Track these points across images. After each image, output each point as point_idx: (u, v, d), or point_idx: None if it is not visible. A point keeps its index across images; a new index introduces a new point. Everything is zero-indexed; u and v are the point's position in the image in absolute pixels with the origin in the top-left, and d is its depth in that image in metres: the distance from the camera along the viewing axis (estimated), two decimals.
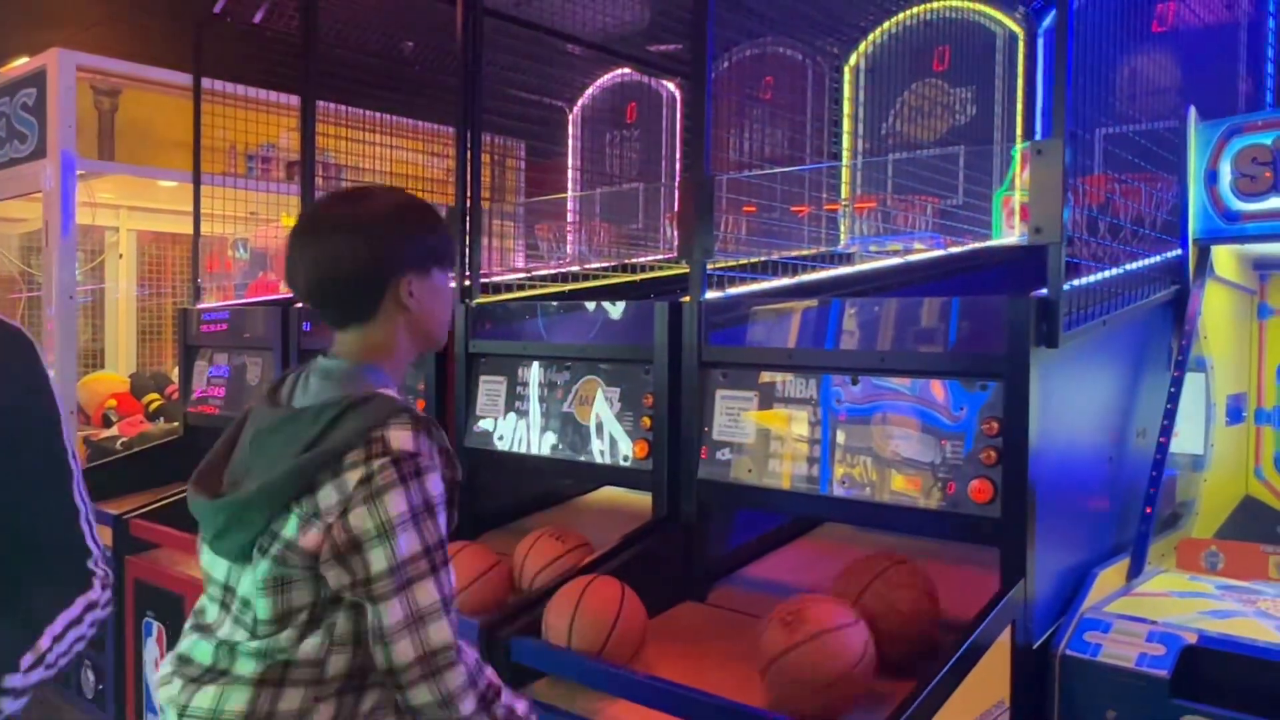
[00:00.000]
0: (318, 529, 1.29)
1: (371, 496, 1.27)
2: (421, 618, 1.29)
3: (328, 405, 1.34)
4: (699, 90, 2.49)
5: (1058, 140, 1.94)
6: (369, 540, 1.27)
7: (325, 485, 1.29)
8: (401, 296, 1.42)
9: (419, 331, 1.47)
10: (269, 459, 1.34)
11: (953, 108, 3.95)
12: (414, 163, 4.73)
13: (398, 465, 1.28)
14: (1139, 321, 2.42)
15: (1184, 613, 2.02)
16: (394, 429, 1.31)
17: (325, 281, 1.40)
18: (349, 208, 1.43)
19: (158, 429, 4.86)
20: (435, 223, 1.49)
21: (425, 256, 1.44)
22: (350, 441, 1.29)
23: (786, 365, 2.30)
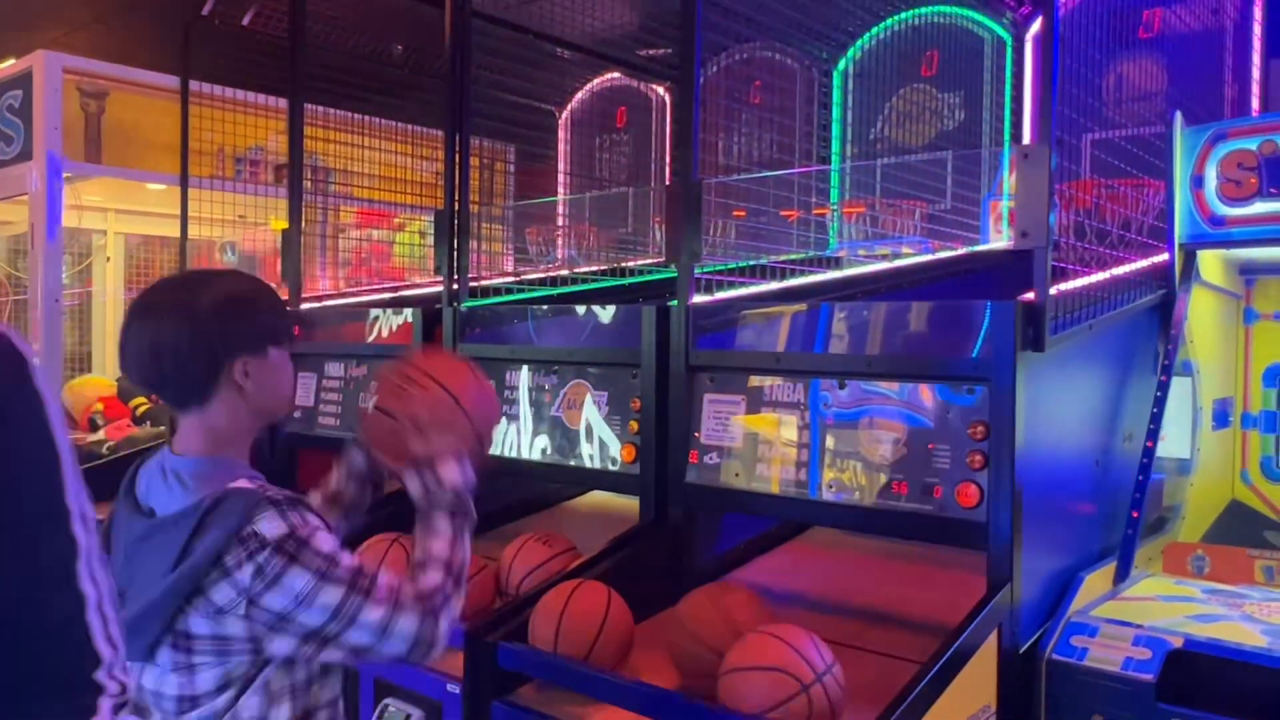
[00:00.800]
0: (237, 617, 1.36)
1: (273, 583, 1.34)
2: (386, 630, 1.39)
3: (185, 514, 1.39)
4: (687, 94, 2.49)
5: (1044, 145, 1.94)
6: (294, 610, 1.35)
7: (216, 585, 1.35)
8: (237, 379, 1.46)
9: (259, 409, 1.52)
10: (145, 574, 1.39)
11: (941, 113, 3.96)
12: (403, 166, 4.72)
13: (280, 550, 1.35)
14: (1125, 326, 2.42)
15: (1170, 617, 2.03)
16: (260, 522, 1.36)
17: (157, 366, 1.45)
18: (182, 294, 1.47)
19: (145, 433, 4.83)
20: (269, 304, 1.53)
21: (259, 338, 1.49)
22: (222, 548, 1.34)
23: (774, 369, 2.30)
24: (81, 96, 4.75)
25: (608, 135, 5.31)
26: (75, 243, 5.81)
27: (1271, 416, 2.85)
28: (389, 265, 5.19)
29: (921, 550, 2.35)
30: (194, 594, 1.35)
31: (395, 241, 5.24)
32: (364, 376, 3.32)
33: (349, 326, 3.42)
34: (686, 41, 2.47)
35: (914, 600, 2.29)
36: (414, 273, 5.04)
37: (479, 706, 2.02)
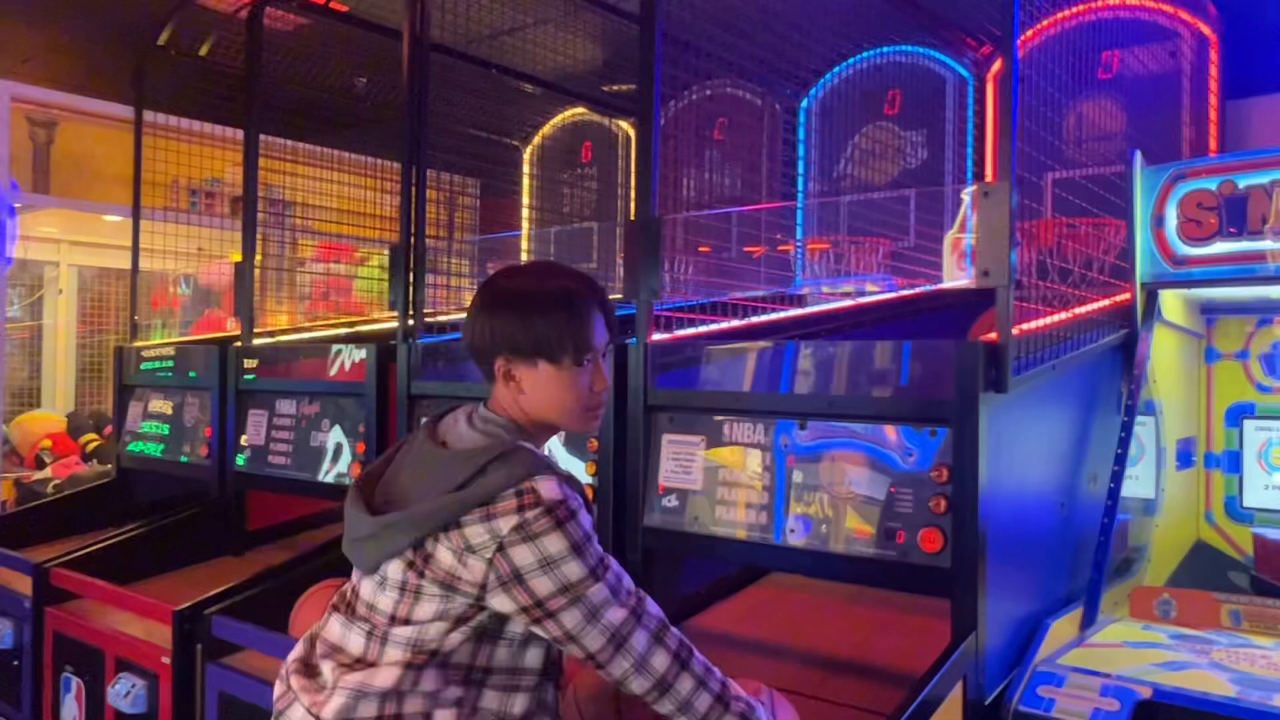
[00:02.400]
0: (479, 561, 1.40)
1: (530, 539, 1.39)
2: (623, 638, 1.42)
3: (476, 453, 1.47)
4: (646, 130, 2.45)
5: (1005, 183, 1.92)
6: (532, 572, 1.39)
7: (473, 525, 1.41)
8: (501, 374, 1.55)
9: (531, 411, 1.56)
10: (420, 491, 1.47)
11: (904, 151, 3.97)
12: (364, 199, 4.66)
13: (551, 512, 1.40)
14: (1088, 365, 2.40)
15: (1138, 664, 1.98)
16: (541, 481, 1.42)
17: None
18: (516, 278, 1.59)
19: (90, 471, 4.70)
20: (553, 315, 1.53)
21: (526, 346, 1.52)
22: (500, 490, 1.41)
23: (735, 409, 2.24)
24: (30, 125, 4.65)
25: (573, 170, 5.29)
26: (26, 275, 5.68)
27: (1234, 456, 2.83)
28: (350, 300, 5.11)
29: (885, 595, 2.29)
30: (452, 524, 1.41)
31: (356, 275, 5.16)
32: (316, 414, 3.23)
33: (304, 363, 3.33)
34: (646, 77, 2.44)
35: (878, 648, 2.23)
36: (375, 308, 4.97)
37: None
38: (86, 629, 2.98)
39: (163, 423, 3.83)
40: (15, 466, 5.09)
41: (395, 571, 1.45)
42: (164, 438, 3.80)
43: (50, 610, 3.11)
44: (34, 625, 3.14)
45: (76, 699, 3.00)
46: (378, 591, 1.48)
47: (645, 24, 2.42)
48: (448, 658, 1.45)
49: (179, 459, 3.69)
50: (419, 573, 1.43)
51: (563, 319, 1.52)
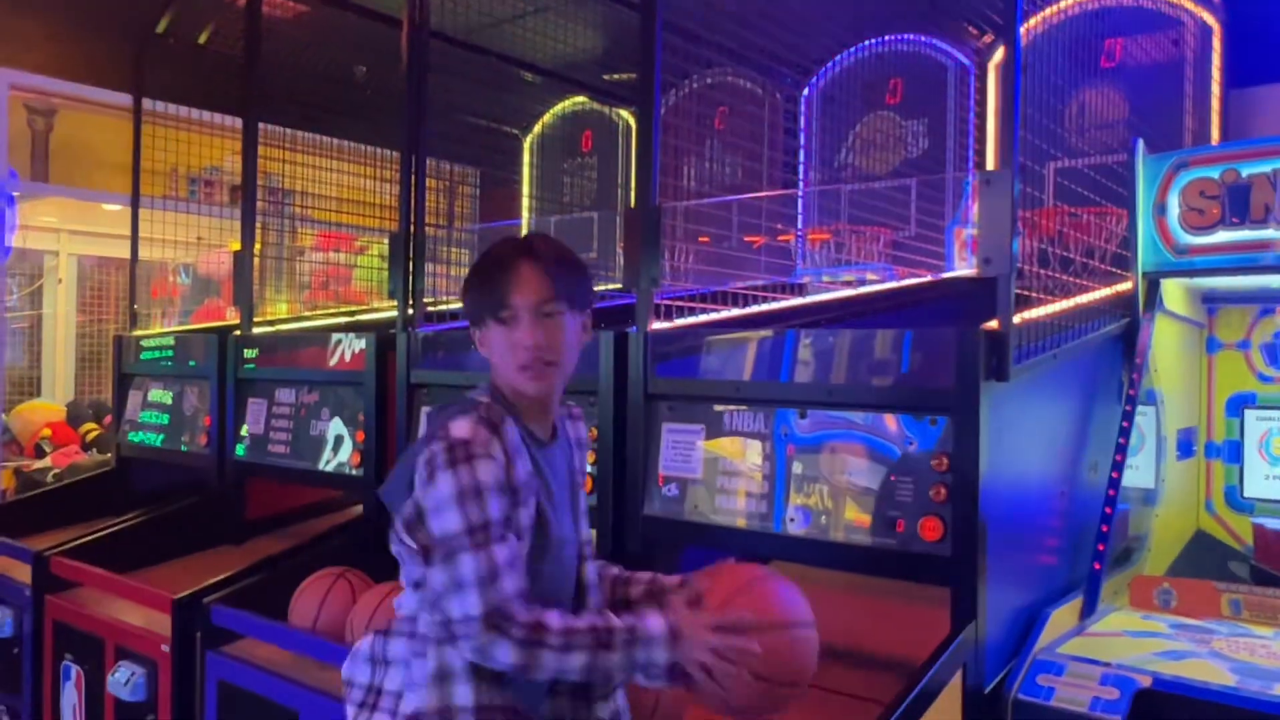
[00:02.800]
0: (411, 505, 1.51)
1: (428, 476, 1.45)
2: (458, 586, 1.42)
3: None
4: (647, 118, 2.44)
5: (1006, 171, 1.91)
6: (425, 512, 1.47)
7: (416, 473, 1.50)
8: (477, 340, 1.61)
9: (496, 376, 1.60)
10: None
11: (905, 140, 3.96)
12: (364, 188, 4.64)
13: (450, 450, 1.44)
14: (1089, 354, 2.39)
15: (1138, 653, 1.98)
16: (458, 420, 1.48)
17: None
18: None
19: (89, 460, 4.69)
20: (484, 277, 1.58)
21: (476, 310, 1.59)
22: (427, 436, 1.50)
23: (735, 398, 2.24)
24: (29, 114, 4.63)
25: (574, 159, 5.27)
26: (26, 264, 5.67)
27: (1235, 446, 2.83)
28: (349, 289, 5.10)
29: (885, 584, 2.28)
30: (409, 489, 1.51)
31: (356, 265, 5.15)
32: (315, 403, 3.23)
33: (304, 352, 3.32)
34: (646, 65, 2.43)
35: (877, 637, 2.23)
36: (375, 297, 4.96)
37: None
38: (86, 617, 2.98)
39: (162, 412, 3.82)
40: (15, 455, 5.09)
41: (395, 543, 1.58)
42: (163, 427, 3.79)
43: (50, 599, 3.12)
44: (34, 613, 3.15)
45: (76, 687, 3.00)
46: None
47: (646, 12, 2.40)
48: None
49: (179, 448, 3.69)
50: (399, 541, 1.55)
51: (481, 281, 1.58)
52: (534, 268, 1.55)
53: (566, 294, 1.57)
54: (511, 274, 1.55)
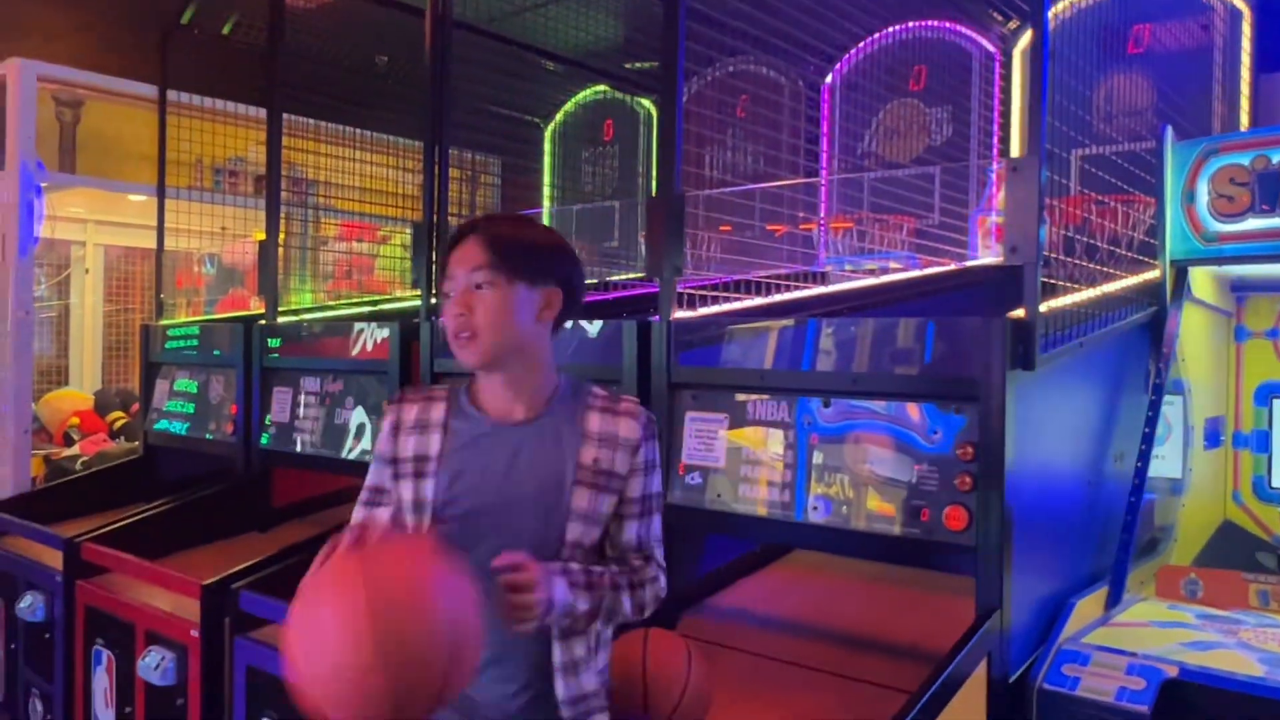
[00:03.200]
0: None
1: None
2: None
3: None
4: (670, 107, 2.44)
5: (1034, 158, 1.89)
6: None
7: None
8: None
9: None
10: None
11: (929, 127, 3.93)
12: (386, 178, 4.66)
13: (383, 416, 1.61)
14: (1116, 343, 2.37)
15: (1164, 644, 1.97)
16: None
17: None
18: None
19: (117, 448, 4.74)
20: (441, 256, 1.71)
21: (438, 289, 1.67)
22: None
23: (758, 387, 2.24)
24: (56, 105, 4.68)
25: (595, 148, 5.26)
26: (54, 254, 5.73)
27: (1263, 436, 2.80)
28: (372, 278, 5.13)
29: (908, 573, 2.28)
30: None
31: (379, 254, 5.17)
32: (340, 392, 3.25)
33: (328, 341, 3.35)
34: (669, 53, 2.42)
35: (900, 626, 2.23)
36: (397, 286, 4.98)
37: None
38: (117, 603, 3.02)
39: (189, 400, 3.86)
40: (44, 443, 5.15)
41: None
42: (190, 415, 3.83)
43: (81, 584, 3.16)
44: (65, 599, 3.19)
45: (107, 671, 3.05)
46: None
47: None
48: None
49: (205, 436, 3.73)
50: None
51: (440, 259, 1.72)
52: (474, 240, 1.53)
53: (506, 266, 1.50)
54: (454, 249, 1.55)
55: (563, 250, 1.58)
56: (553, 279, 1.55)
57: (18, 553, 3.53)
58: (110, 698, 3.04)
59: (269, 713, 2.57)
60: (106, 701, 3.06)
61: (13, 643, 3.54)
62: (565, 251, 1.59)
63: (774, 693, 2.03)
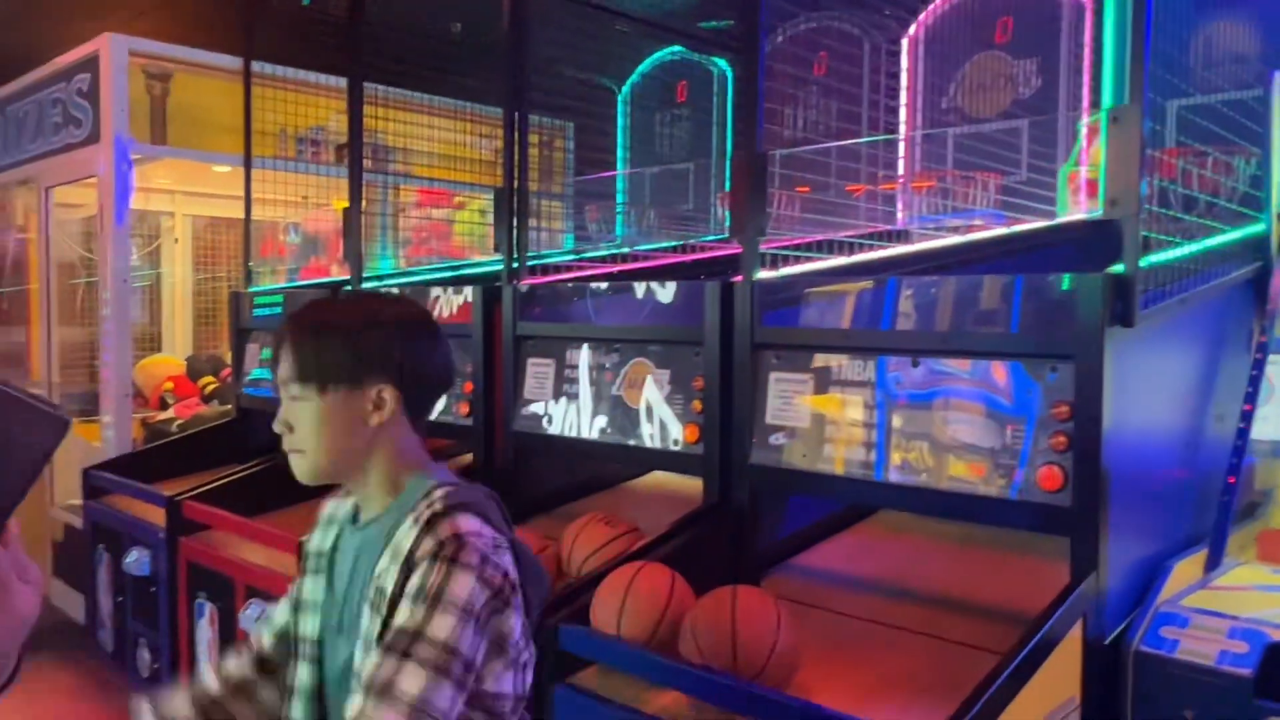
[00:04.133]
0: None
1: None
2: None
3: None
4: (751, 65, 2.41)
5: (1135, 106, 1.83)
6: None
7: None
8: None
9: None
10: None
11: (1016, 80, 3.81)
12: (462, 144, 4.70)
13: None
14: (1218, 300, 2.29)
15: (1268, 608, 1.91)
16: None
17: None
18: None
19: (211, 411, 4.92)
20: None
21: None
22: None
23: (842, 347, 2.22)
24: (146, 79, 4.81)
25: (668, 110, 5.23)
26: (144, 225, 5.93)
27: None
28: (449, 244, 5.20)
29: (994, 535, 2.25)
30: None
31: (455, 220, 5.24)
32: None
33: None
34: (749, 8, 2.39)
35: (989, 587, 2.20)
36: (473, 251, 5.04)
37: (540, 690, 1.99)
38: (218, 558, 3.15)
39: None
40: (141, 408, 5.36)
41: None
42: None
43: (183, 540, 3.30)
44: (168, 554, 3.34)
45: (210, 623, 3.19)
46: None
47: None
48: None
49: None
50: None
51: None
52: (285, 347, 1.35)
53: (313, 373, 1.32)
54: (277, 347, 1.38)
55: (387, 335, 1.34)
56: (379, 374, 1.33)
57: (122, 510, 3.70)
58: (214, 648, 3.18)
59: None
60: (211, 651, 3.20)
61: (120, 596, 3.71)
62: (391, 335, 1.34)
63: (862, 651, 2.03)
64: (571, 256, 3.82)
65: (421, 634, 1.18)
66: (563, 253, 4.06)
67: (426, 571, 1.21)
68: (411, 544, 1.25)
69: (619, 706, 1.89)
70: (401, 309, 1.40)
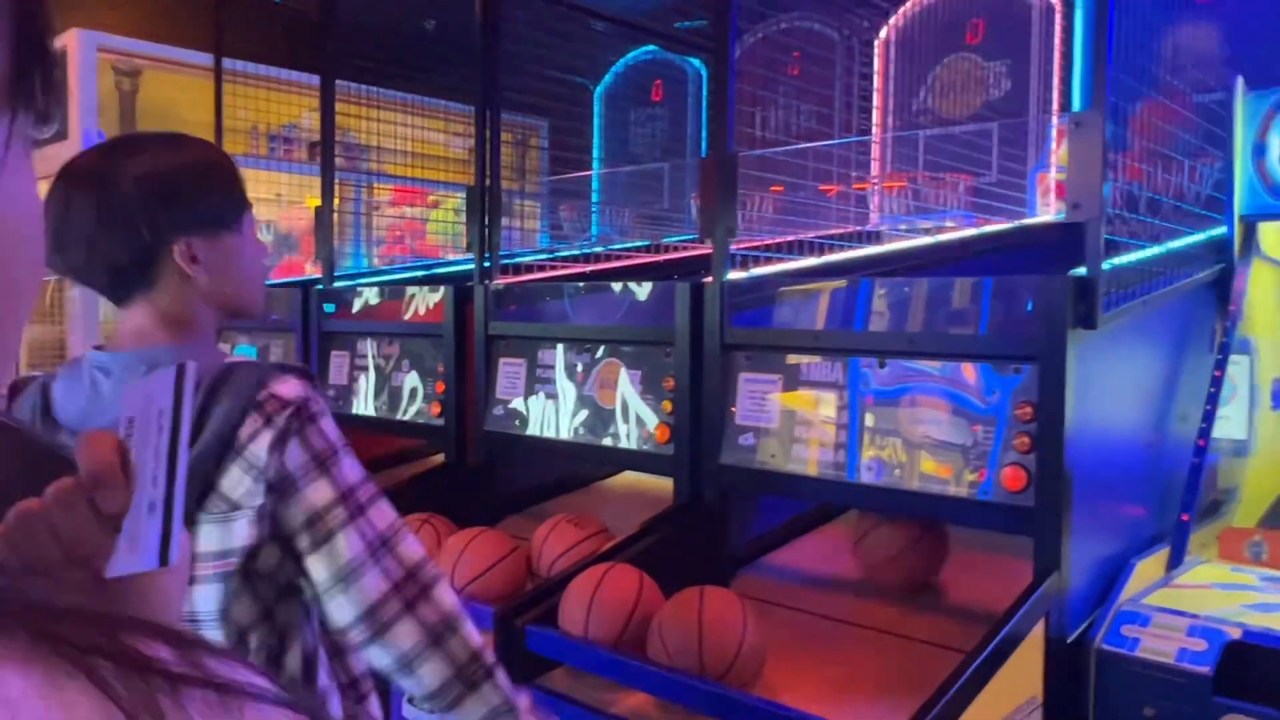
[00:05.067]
0: (248, 520, 1.14)
1: (297, 446, 1.16)
2: (385, 540, 1.18)
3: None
4: (722, 65, 2.41)
5: (1097, 112, 1.85)
6: (303, 481, 1.17)
7: (228, 473, 1.14)
8: (181, 264, 1.24)
9: (217, 300, 1.29)
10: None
11: (987, 82, 3.84)
12: (436, 142, 4.69)
13: (298, 414, 1.17)
14: (1181, 301, 2.32)
15: (1227, 606, 1.94)
16: (278, 384, 1.18)
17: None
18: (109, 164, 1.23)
19: None
20: (221, 172, 1.32)
21: (217, 209, 1.29)
22: (234, 418, 1.14)
23: (812, 347, 2.23)
24: (115, 74, 4.76)
25: (643, 109, 5.23)
26: None
27: None
28: (424, 242, 5.18)
29: (961, 534, 2.27)
30: (202, 496, 1.14)
31: (430, 219, 5.22)
32: (397, 355, 3.30)
33: (382, 305, 3.40)
34: (722, 11, 2.39)
35: (955, 586, 2.22)
36: (449, 250, 5.03)
37: None
38: None
39: None
40: None
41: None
42: None
43: None
44: None
45: None
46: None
47: None
48: None
49: None
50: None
51: (220, 176, 1.35)
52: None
53: None
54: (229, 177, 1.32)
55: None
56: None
57: None
58: None
59: None
60: None
61: None
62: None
63: (829, 650, 2.05)
64: (545, 256, 3.82)
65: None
66: (536, 252, 4.06)
67: None
68: None
69: (586, 708, 1.90)
70: None
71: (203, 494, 1.14)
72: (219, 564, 1.15)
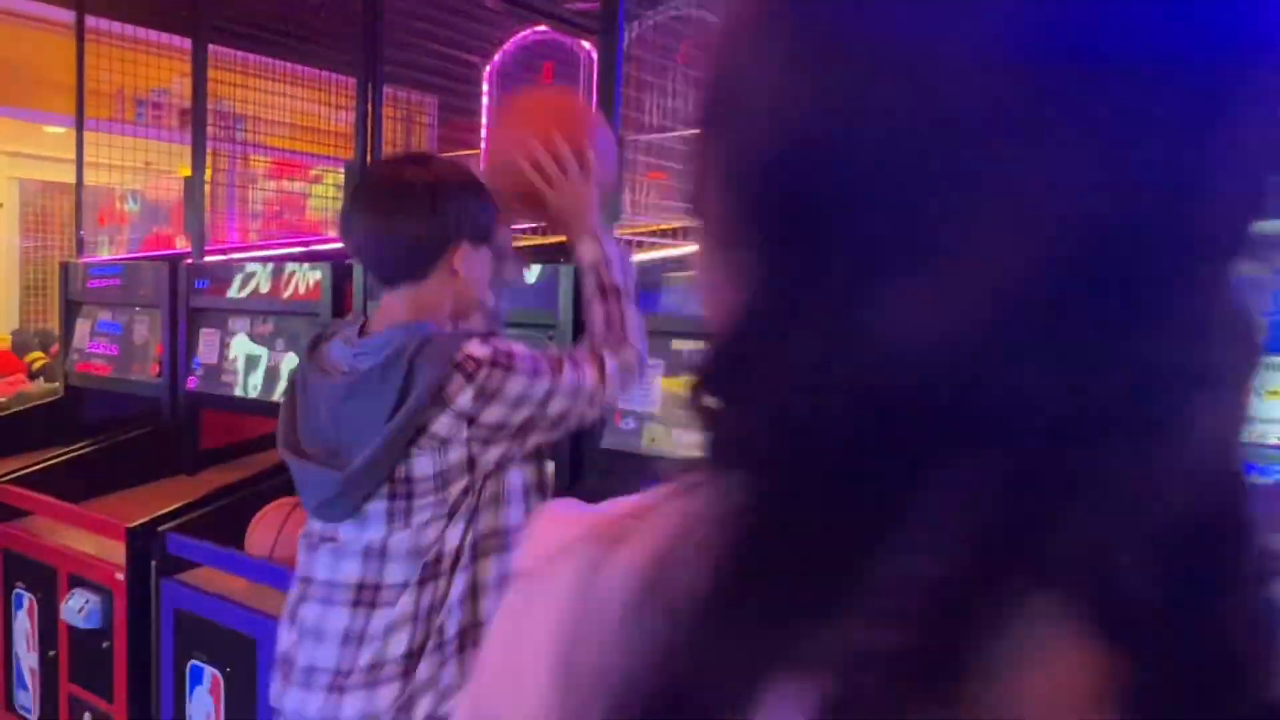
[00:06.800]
0: (459, 443, 1.40)
1: (492, 398, 1.39)
2: (577, 364, 1.47)
3: (391, 361, 1.39)
4: (610, 49, 2.41)
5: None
6: (510, 415, 1.41)
7: (438, 419, 1.38)
8: (455, 263, 1.47)
9: (461, 300, 1.53)
10: (356, 428, 1.41)
11: None
12: (318, 115, 4.54)
13: (495, 365, 1.39)
14: None
15: None
16: (470, 348, 1.40)
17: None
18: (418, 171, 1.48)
19: (37, 389, 4.60)
20: (487, 198, 1.52)
21: (479, 222, 1.50)
22: (441, 380, 1.37)
23: (696, 333, 2.25)
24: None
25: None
26: None
27: None
28: (303, 218, 5.02)
29: None
30: (418, 434, 1.38)
31: (310, 194, 5.06)
32: (270, 334, 3.19)
33: (257, 282, 3.27)
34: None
35: None
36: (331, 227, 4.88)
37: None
38: (38, 546, 2.95)
39: (111, 341, 3.75)
40: None
41: (378, 507, 1.42)
42: (113, 357, 3.73)
43: (0, 527, 3.08)
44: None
45: (29, 615, 2.99)
46: (361, 530, 1.45)
47: None
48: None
49: (129, 378, 3.64)
50: (405, 496, 1.41)
51: (481, 191, 1.54)
52: None
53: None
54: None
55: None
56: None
57: None
58: (33, 641, 2.99)
59: (197, 655, 2.55)
60: (29, 645, 3.01)
61: None
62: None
63: None
64: None
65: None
66: None
67: None
68: None
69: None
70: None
71: (414, 437, 1.38)
72: (434, 482, 1.41)
